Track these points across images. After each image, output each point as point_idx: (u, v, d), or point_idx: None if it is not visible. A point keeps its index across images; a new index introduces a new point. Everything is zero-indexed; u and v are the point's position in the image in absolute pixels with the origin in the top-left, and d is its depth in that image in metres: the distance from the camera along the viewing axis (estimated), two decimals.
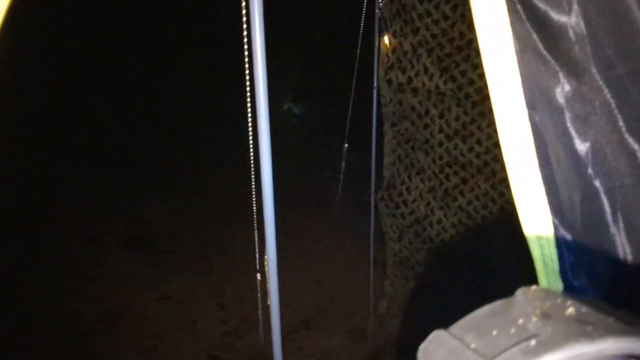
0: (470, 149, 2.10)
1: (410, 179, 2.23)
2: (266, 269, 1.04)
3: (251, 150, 1.31)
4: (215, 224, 4.21)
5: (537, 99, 0.64)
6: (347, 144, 3.21)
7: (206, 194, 4.79)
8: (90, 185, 4.51)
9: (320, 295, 3.24)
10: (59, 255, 3.49)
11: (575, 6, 0.57)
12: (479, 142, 2.08)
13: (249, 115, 1.15)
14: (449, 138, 2.14)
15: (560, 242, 0.66)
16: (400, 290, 2.43)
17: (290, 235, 4.02)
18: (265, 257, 1.05)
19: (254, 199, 1.52)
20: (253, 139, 1.06)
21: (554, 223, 0.66)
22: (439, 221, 2.25)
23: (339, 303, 3.14)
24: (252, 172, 1.40)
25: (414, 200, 2.24)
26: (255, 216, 1.56)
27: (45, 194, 4.25)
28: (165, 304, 3.12)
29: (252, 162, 1.33)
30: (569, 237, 0.66)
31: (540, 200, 0.66)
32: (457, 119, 2.09)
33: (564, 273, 0.67)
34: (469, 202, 2.15)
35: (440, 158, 2.17)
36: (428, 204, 2.23)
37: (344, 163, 3.40)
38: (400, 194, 2.26)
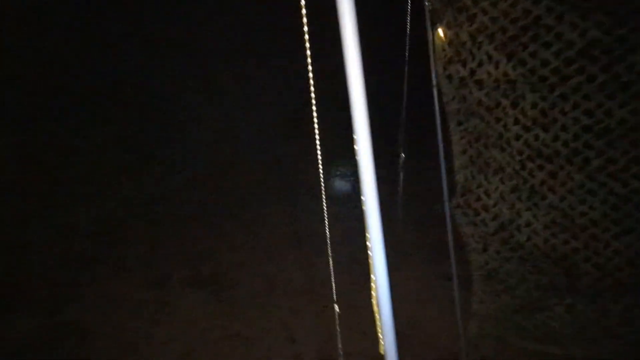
0: (555, 138, 1.84)
1: (487, 180, 1.99)
2: (375, 307, 0.87)
3: (320, 169, 1.17)
4: (274, 254, 4.11)
5: None
6: (403, 152, 3.02)
7: (260, 224, 4.73)
8: (145, 228, 4.60)
9: (396, 319, 2.99)
10: (127, 300, 3.51)
11: None
12: (564, 128, 1.82)
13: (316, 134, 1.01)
14: (526, 129, 1.90)
15: None
16: (491, 307, 2.15)
17: (353, 256, 3.83)
18: (373, 294, 0.88)
19: (326, 222, 1.37)
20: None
21: None
22: (528, 224, 1.98)
23: (421, 327, 2.87)
24: (323, 194, 1.25)
25: (495, 204, 2.00)
26: (328, 240, 1.41)
27: (108, 239, 4.37)
28: (235, 342, 3.01)
29: (321, 185, 1.19)
30: None
31: None
32: (533, 106, 1.85)
33: None
34: (562, 199, 1.88)
35: (520, 153, 1.92)
36: (512, 206, 1.97)
37: (401, 174, 3.20)
38: (479, 199, 2.02)
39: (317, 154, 1.09)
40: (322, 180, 1.14)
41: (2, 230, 4.30)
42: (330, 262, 1.35)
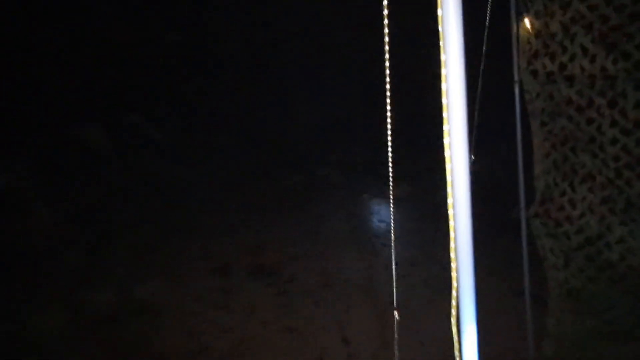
0: None
1: (573, 188, 1.78)
2: (453, 312, 0.79)
3: (390, 171, 1.11)
4: (333, 249, 4.09)
5: None
6: (473, 154, 2.82)
7: (319, 218, 4.74)
8: (210, 216, 4.82)
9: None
10: (191, 285, 3.70)
11: None
12: None
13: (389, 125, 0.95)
14: (626, 132, 1.66)
15: None
16: (570, 329, 1.92)
17: (412, 260, 3.68)
18: (453, 301, 0.80)
19: (391, 227, 1.29)
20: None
21: None
22: (621, 240, 1.73)
23: (488, 344, 2.66)
24: (390, 196, 1.18)
25: (581, 215, 1.77)
26: (392, 238, 1.33)
27: (174, 225, 4.64)
28: (290, 336, 3.03)
29: (390, 185, 1.12)
30: None
31: None
32: (636, 106, 1.61)
33: None
34: None
35: (616, 159, 1.69)
36: (603, 218, 1.74)
37: (470, 177, 2.99)
38: (561, 208, 1.81)
39: (387, 155, 1.03)
40: (390, 181, 1.07)
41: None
42: (393, 267, 1.28)
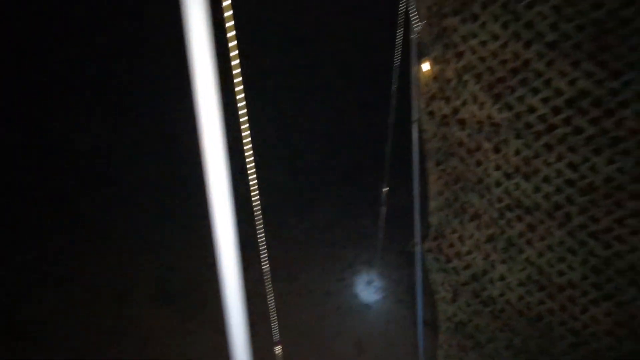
0: (536, 189, 1.73)
1: (463, 226, 1.87)
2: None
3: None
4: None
5: None
6: (387, 186, 2.91)
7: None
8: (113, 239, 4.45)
9: None
10: (90, 311, 3.34)
11: None
12: (547, 180, 1.71)
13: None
14: (508, 176, 1.79)
15: None
16: None
17: (326, 289, 3.65)
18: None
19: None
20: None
21: None
22: (502, 278, 1.84)
23: None
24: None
25: (468, 252, 1.86)
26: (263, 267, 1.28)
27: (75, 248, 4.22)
28: None
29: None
30: None
31: None
32: (517, 153, 1.75)
33: None
34: (540, 254, 1.74)
35: (499, 200, 1.81)
36: (487, 256, 1.84)
37: (383, 208, 3.08)
38: (452, 245, 1.89)
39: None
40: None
41: None
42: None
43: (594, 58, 1.54)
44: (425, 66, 1.83)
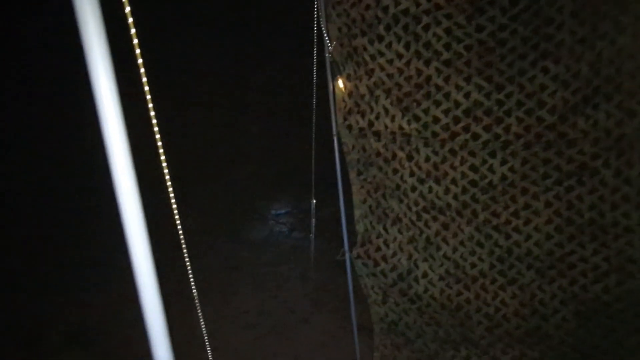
0: (446, 191, 1.91)
1: (386, 230, 2.00)
2: None
3: None
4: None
5: None
6: (315, 199, 2.99)
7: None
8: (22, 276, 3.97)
9: None
10: None
11: None
12: (454, 182, 1.90)
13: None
14: (421, 181, 1.96)
15: None
16: None
17: (262, 307, 3.60)
18: None
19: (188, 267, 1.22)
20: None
21: None
22: (425, 275, 1.99)
23: None
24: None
25: (394, 254, 1.99)
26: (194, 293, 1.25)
27: None
28: None
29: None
30: None
31: None
32: (427, 159, 1.92)
33: None
34: (454, 250, 1.92)
35: (416, 204, 1.96)
36: (410, 256, 1.98)
37: (313, 220, 3.15)
38: (378, 249, 2.00)
39: None
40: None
41: None
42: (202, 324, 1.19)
43: (482, 73, 1.77)
44: (341, 83, 1.94)
